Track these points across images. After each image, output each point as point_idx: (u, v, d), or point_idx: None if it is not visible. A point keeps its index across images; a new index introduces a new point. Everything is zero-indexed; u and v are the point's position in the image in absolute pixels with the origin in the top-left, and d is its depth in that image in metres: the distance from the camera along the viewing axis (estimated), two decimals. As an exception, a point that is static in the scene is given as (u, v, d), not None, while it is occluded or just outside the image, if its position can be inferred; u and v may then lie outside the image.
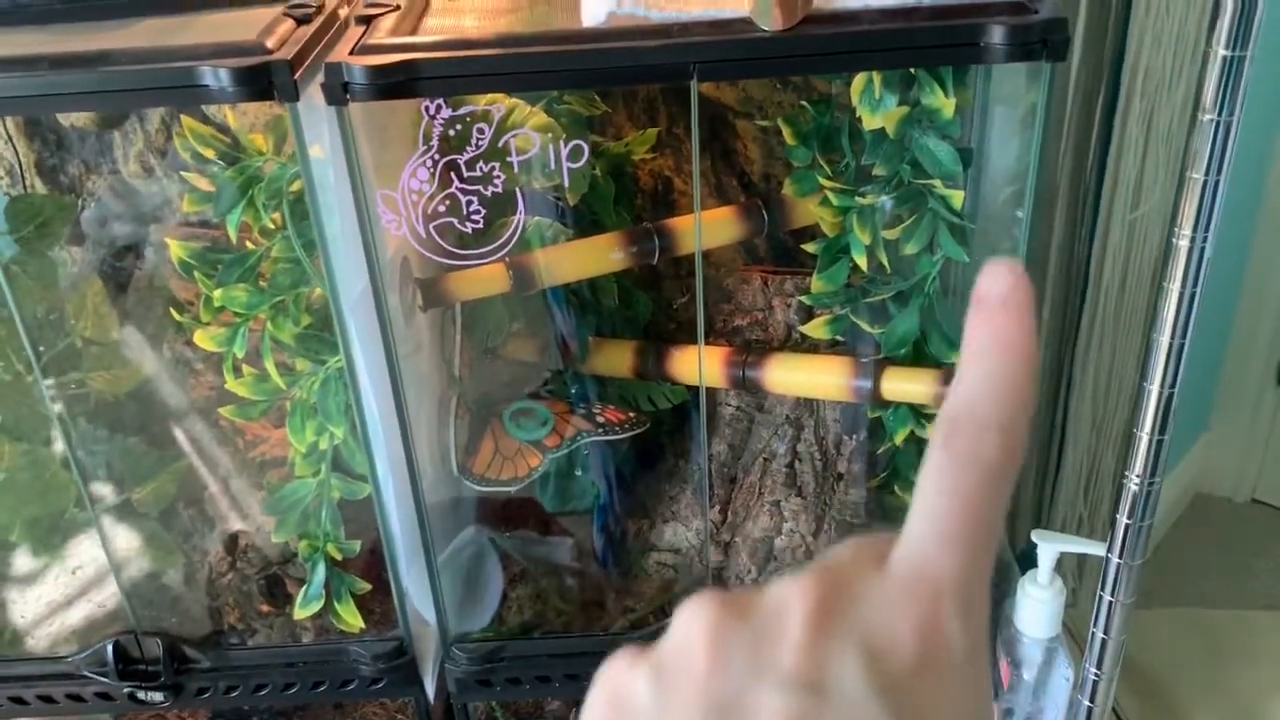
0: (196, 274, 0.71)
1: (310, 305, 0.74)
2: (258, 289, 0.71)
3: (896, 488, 0.83)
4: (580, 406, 0.83)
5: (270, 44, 0.57)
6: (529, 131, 0.59)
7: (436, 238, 0.61)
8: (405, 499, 0.74)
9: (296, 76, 0.56)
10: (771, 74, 0.68)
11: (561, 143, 0.58)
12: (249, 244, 0.74)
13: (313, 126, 0.61)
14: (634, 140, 0.82)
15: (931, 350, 0.74)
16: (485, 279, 0.69)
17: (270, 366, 0.71)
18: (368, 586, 0.79)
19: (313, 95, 0.58)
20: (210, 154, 0.70)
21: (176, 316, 0.74)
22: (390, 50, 0.56)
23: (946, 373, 0.71)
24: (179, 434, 0.85)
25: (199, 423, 0.84)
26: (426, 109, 0.57)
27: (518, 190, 0.61)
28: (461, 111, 0.58)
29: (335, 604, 0.78)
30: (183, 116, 0.70)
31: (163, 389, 0.84)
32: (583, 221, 0.82)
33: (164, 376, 0.84)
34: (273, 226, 0.71)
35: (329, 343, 0.73)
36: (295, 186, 0.70)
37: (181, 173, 0.70)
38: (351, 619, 0.78)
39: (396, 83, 0.56)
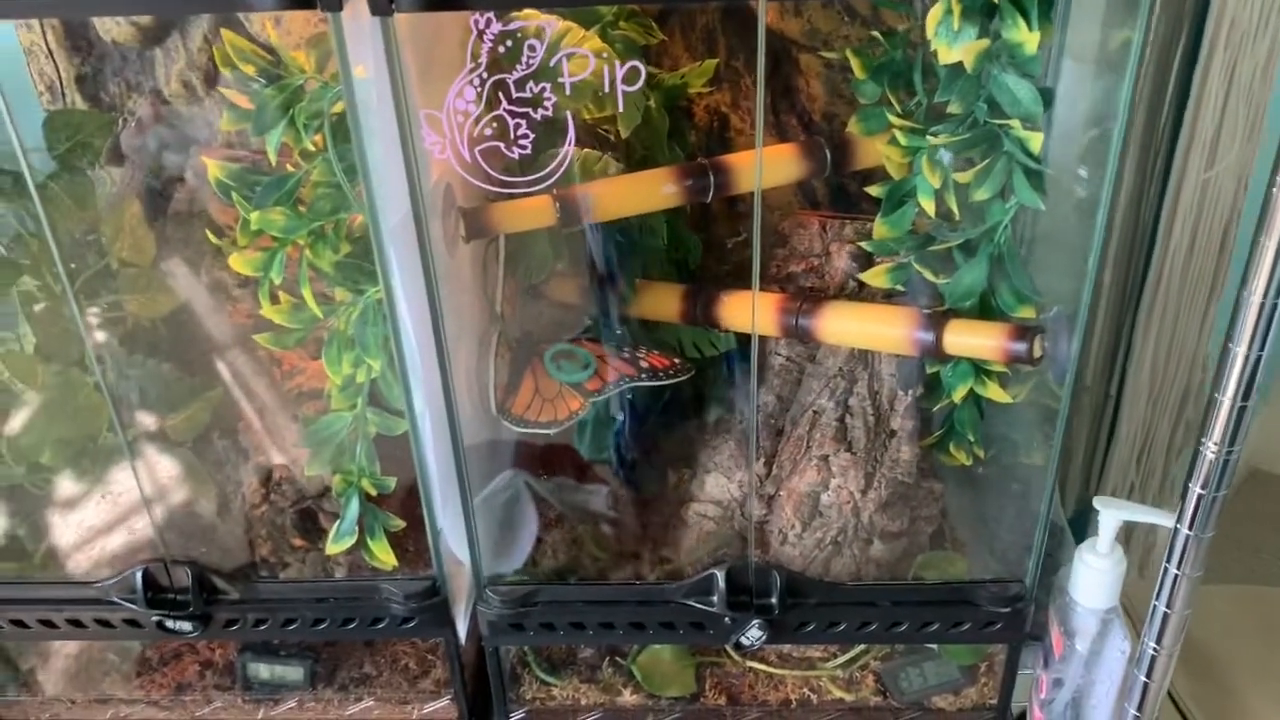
0: (234, 195, 0.68)
1: (350, 233, 0.71)
2: (296, 213, 0.68)
3: (952, 446, 0.79)
4: (624, 350, 0.80)
5: (310, -51, 0.54)
6: (584, 50, 0.55)
7: (482, 163, 0.58)
8: (443, 437, 0.72)
9: (340, -16, 0.53)
10: None
11: (617, 64, 0.55)
12: (289, 166, 0.71)
13: (356, 46, 0.57)
14: (691, 72, 0.78)
15: (999, 303, 0.70)
16: (531, 211, 0.66)
17: (307, 294, 0.69)
18: (402, 524, 0.77)
19: (356, 8, 0.55)
20: (251, 70, 0.67)
21: (214, 240, 0.72)
22: (440, -42, 0.53)
23: (1015, 328, 0.67)
24: (214, 362, 0.83)
25: (235, 351, 0.82)
26: (476, 22, 0.54)
27: (568, 115, 0.58)
28: (512, 27, 0.54)
29: (369, 540, 0.76)
30: (224, 31, 0.67)
31: (199, 315, 0.82)
32: (634, 156, 0.78)
33: (200, 302, 0.82)
34: (314, 149, 0.68)
35: (368, 272, 0.70)
36: (338, 108, 0.67)
37: (221, 89, 0.67)
38: (384, 556, 0.76)
39: (445, -7, 0.52)
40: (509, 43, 0.55)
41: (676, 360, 0.80)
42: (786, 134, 0.88)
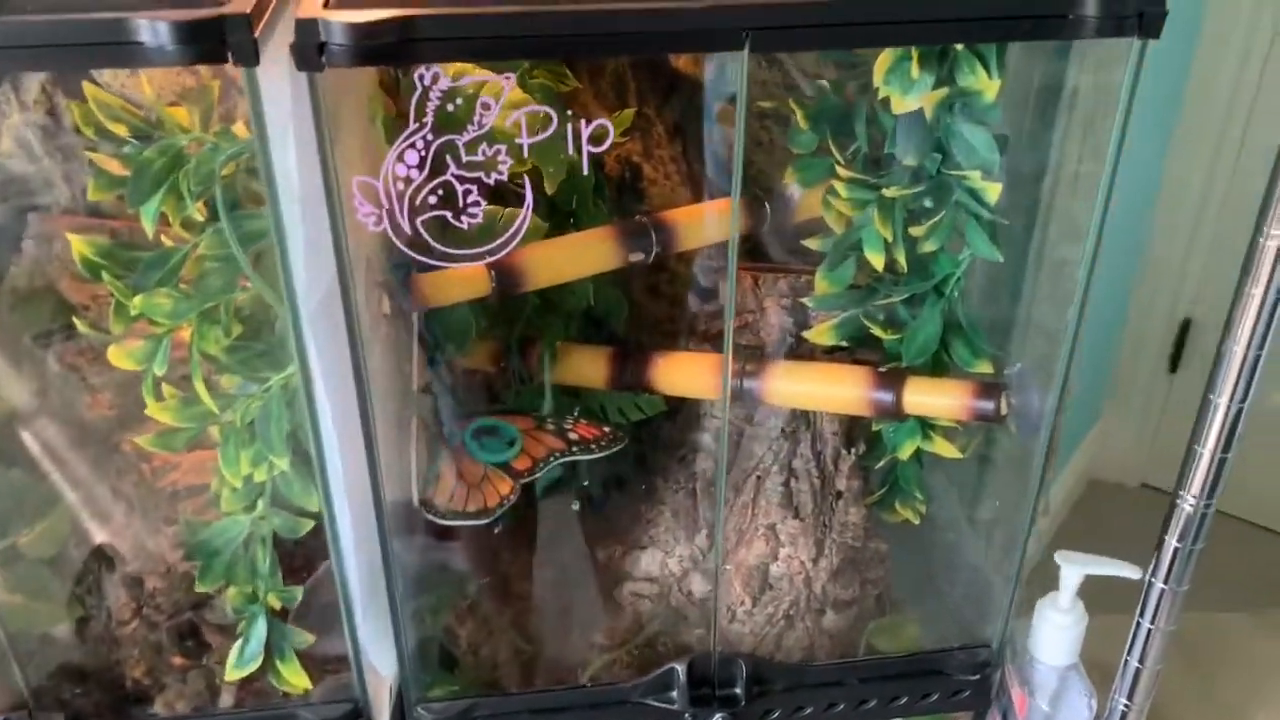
0: (106, 276, 0.58)
1: (240, 312, 0.62)
2: (183, 294, 0.59)
3: (898, 504, 0.76)
4: (549, 422, 0.74)
5: (219, -7, 0.46)
6: (544, 108, 0.49)
7: (424, 234, 0.51)
8: (363, 537, 0.63)
9: (256, 34, 0.45)
10: (835, 45, 0.60)
11: (582, 122, 0.49)
12: (164, 239, 0.61)
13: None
14: (612, 120, 0.73)
15: (955, 358, 0.67)
16: (465, 281, 0.59)
17: (200, 386, 0.59)
18: (312, 639, 0.68)
19: (274, 61, 0.47)
20: (122, 130, 0.57)
21: (82, 327, 0.61)
22: (376, 5, 0.46)
23: (980, 385, 0.65)
24: (70, 463, 0.71)
25: (97, 448, 0.71)
26: (421, 78, 0.47)
27: (525, 178, 0.51)
28: (464, 82, 0.47)
29: (277, 663, 0.66)
30: (87, 86, 0.57)
31: (50, 411, 0.70)
32: (556, 214, 0.72)
33: (52, 395, 0.70)
34: (200, 218, 0.59)
35: (269, 356, 0.61)
36: (227, 170, 0.58)
37: (89, 153, 0.57)
38: (296, 679, 0.67)
39: (387, 45, 0.45)
40: (459, 100, 0.48)
41: (606, 429, 0.74)
42: (699, 186, 0.83)
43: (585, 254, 0.63)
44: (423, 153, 0.48)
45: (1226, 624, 0.96)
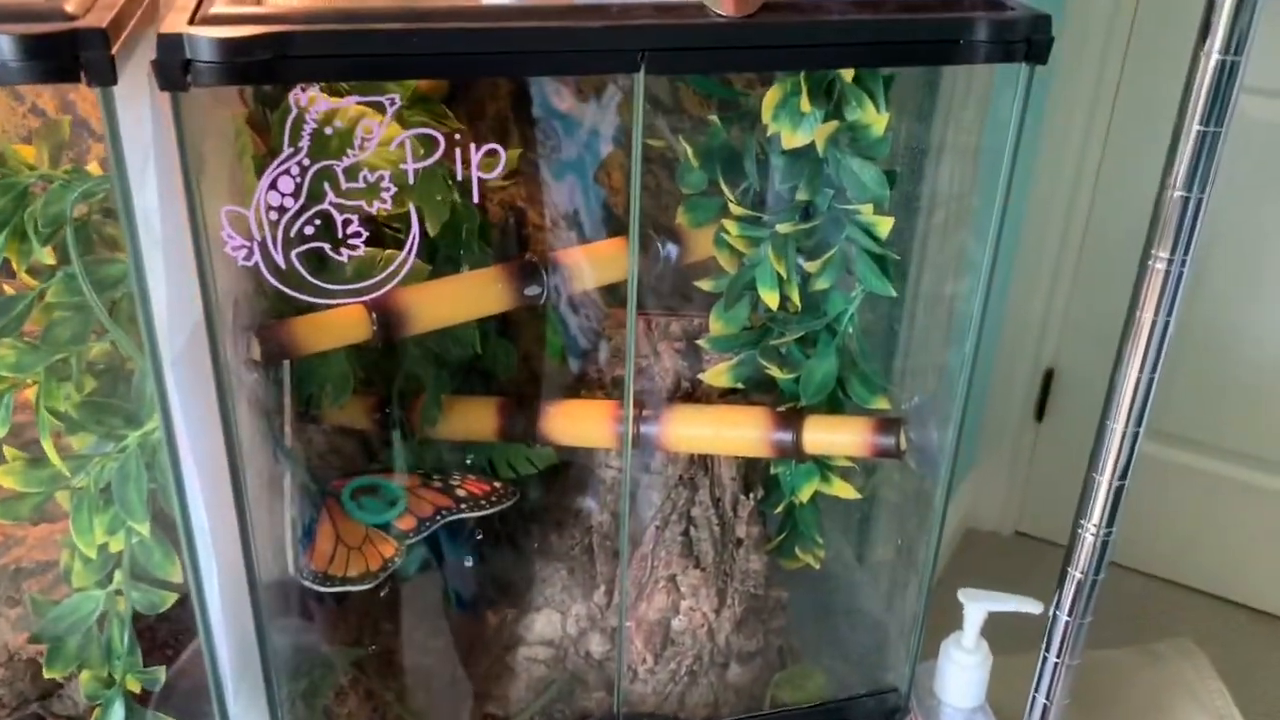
0: (-63, 326, 0.52)
1: (94, 365, 0.57)
2: (29, 346, 0.54)
3: (798, 549, 0.74)
4: (434, 479, 0.70)
5: (70, 8, 0.42)
6: (430, 130, 0.46)
7: (300, 268, 0.47)
8: (233, 610, 0.58)
9: (113, 51, 0.41)
10: (731, 68, 0.59)
11: (473, 147, 0.46)
12: (6, 287, 0.56)
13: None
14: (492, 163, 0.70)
15: (852, 394, 0.66)
16: (342, 325, 0.55)
17: (49, 446, 0.54)
18: (177, 724, 0.61)
19: (133, 83, 0.43)
20: (-43, 165, 0.52)
21: (-94, 384, 0.55)
22: (247, 21, 0.42)
23: (879, 421, 0.64)
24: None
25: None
26: (296, 100, 0.44)
27: (412, 209, 0.48)
28: (345, 103, 0.44)
29: (137, 754, 0.60)
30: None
31: None
32: (439, 257, 0.69)
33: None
34: (49, 262, 0.54)
35: (126, 412, 0.56)
36: (80, 211, 0.54)
37: (-86, 190, 0.52)
38: (159, 771, 0.60)
39: (259, 62, 0.42)
40: (337, 124, 0.45)
41: (496, 484, 0.71)
42: (584, 229, 0.82)
43: (478, 293, 0.60)
44: (298, 179, 0.45)
45: (1116, 659, 0.97)
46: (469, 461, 0.71)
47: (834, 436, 0.64)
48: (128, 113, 0.44)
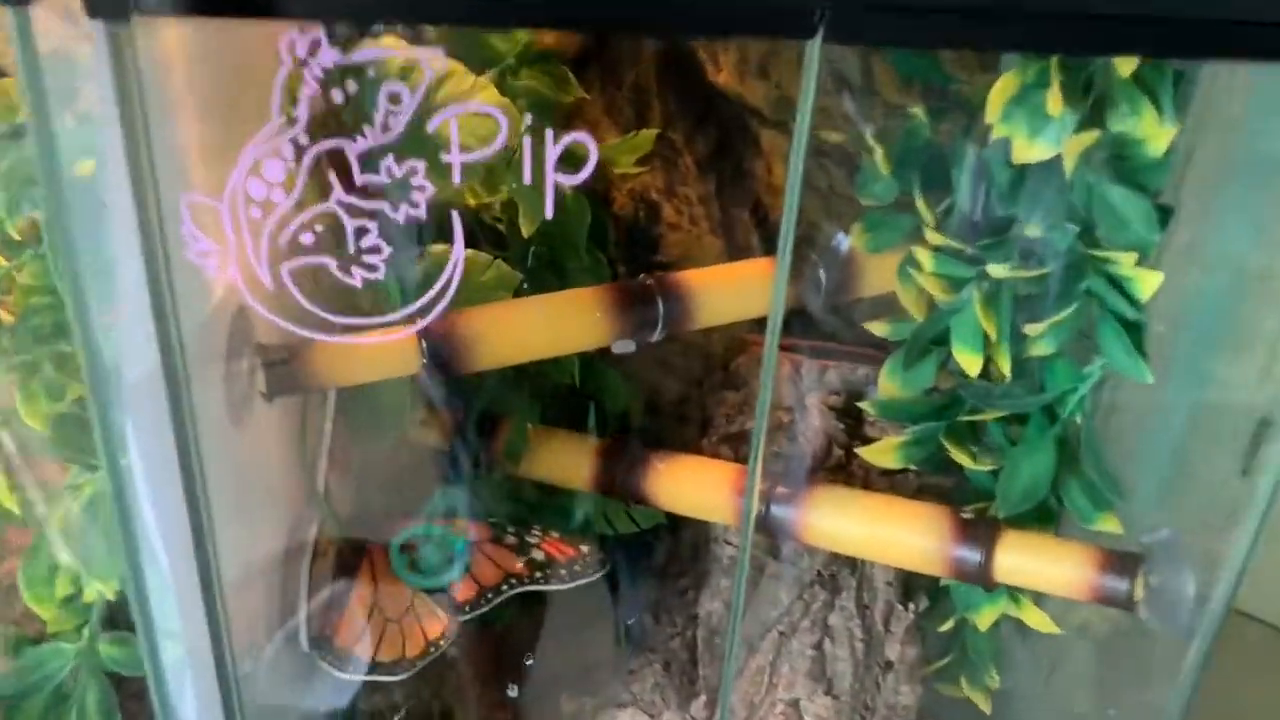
0: None
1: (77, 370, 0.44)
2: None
3: (965, 680, 0.57)
4: (508, 532, 0.55)
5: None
6: (489, 109, 0.31)
7: (293, 289, 0.33)
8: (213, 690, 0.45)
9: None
10: (944, 44, 0.42)
11: (549, 134, 0.30)
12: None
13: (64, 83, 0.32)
14: (621, 144, 0.55)
15: (1071, 508, 0.48)
16: (383, 358, 0.41)
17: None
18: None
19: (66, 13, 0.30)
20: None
21: None
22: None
23: (1110, 556, 0.45)
24: None
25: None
26: (291, 44, 0.29)
27: (454, 214, 0.33)
28: (360, 58, 0.29)
29: None
30: None
31: None
32: (534, 261, 0.54)
33: None
34: (17, 237, 0.42)
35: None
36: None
37: None
38: None
39: (230, -16, 0.27)
40: (353, 85, 0.30)
41: (584, 549, 0.56)
42: (734, 235, 0.65)
43: (559, 326, 0.44)
44: (291, 164, 0.30)
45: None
46: (536, 516, 0.57)
47: (1039, 566, 0.46)
48: (62, 67, 0.31)
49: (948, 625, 0.55)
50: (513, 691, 0.61)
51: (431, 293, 0.35)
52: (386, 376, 0.42)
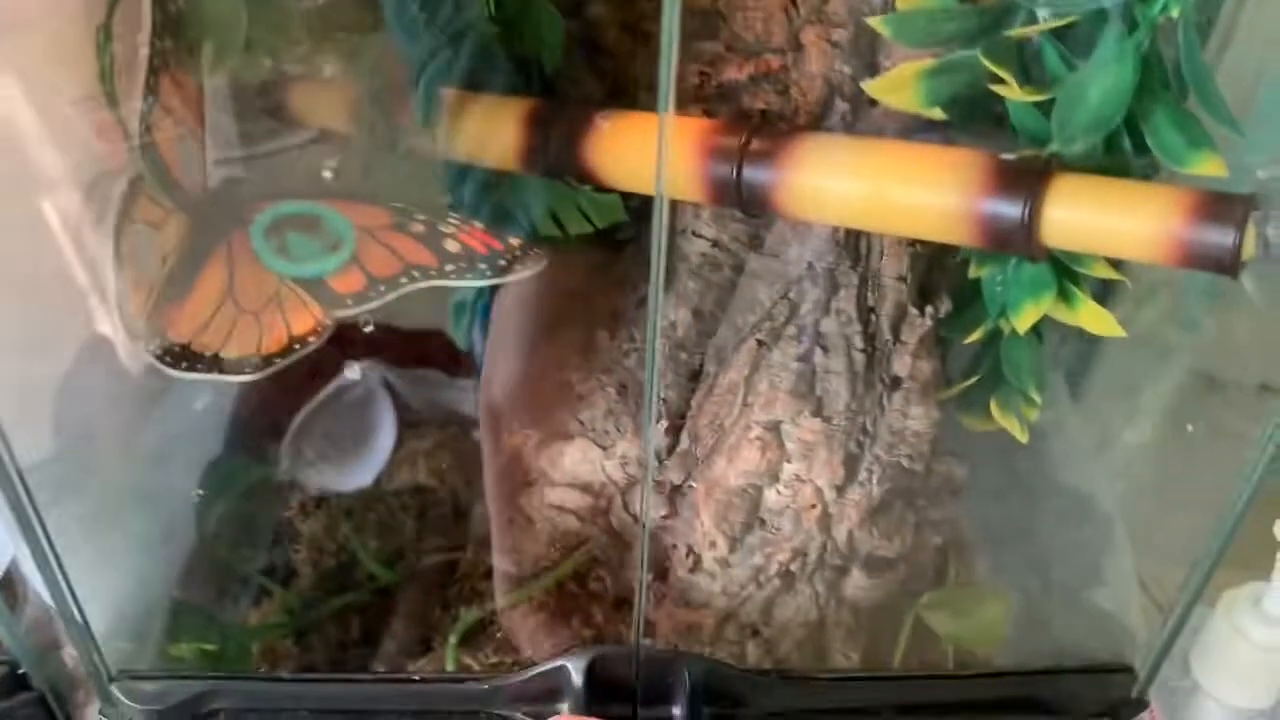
0: None
1: None
2: None
3: (996, 403, 0.45)
4: (416, 218, 0.43)
5: None
6: None
7: None
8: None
9: None
10: None
11: None
12: None
13: None
14: None
15: (1155, 143, 0.35)
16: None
17: None
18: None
19: None
20: None
21: None
22: None
23: (1207, 197, 0.32)
24: None
25: None
26: None
27: None
28: None
29: None
30: None
31: None
32: None
33: None
34: None
35: None
36: None
37: None
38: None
39: None
40: None
41: (513, 241, 0.44)
42: None
43: None
44: None
45: None
46: (458, 197, 0.44)
47: (1106, 217, 0.33)
48: None
49: (977, 334, 0.43)
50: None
51: None
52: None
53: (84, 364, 0.38)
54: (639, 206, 0.47)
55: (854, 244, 0.43)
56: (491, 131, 0.44)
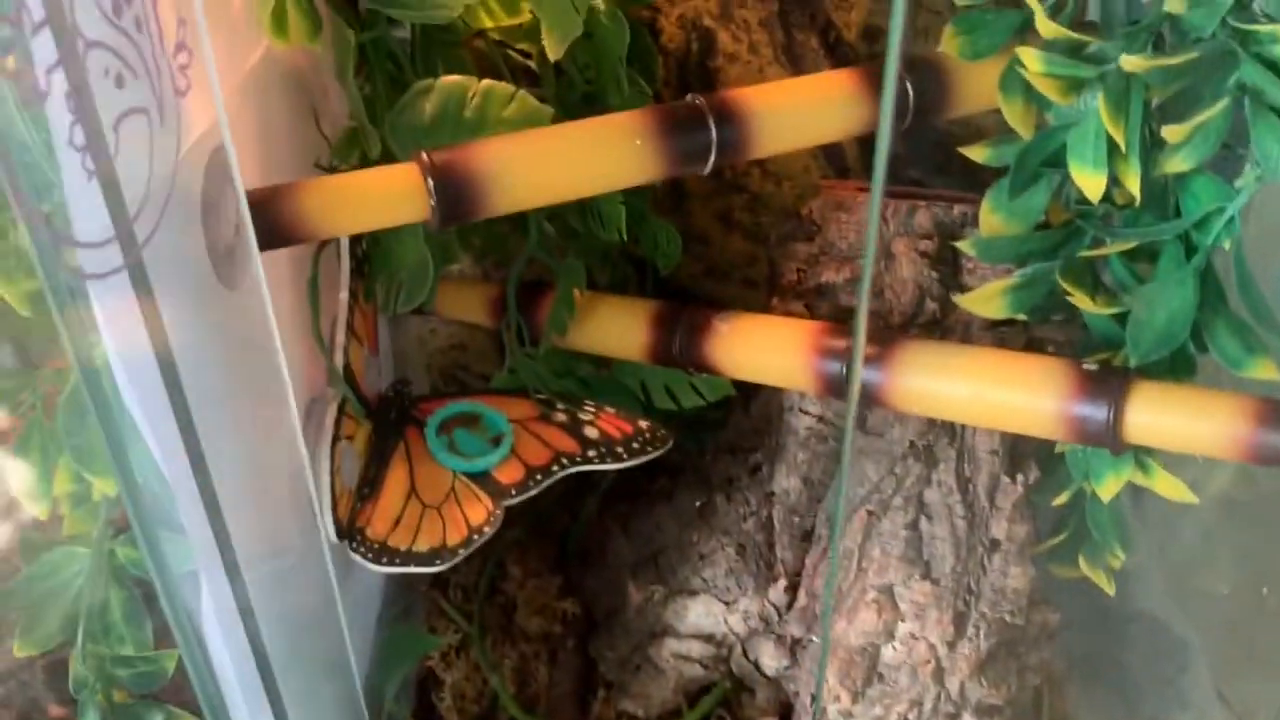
0: None
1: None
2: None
3: (1085, 558, 0.50)
4: (557, 409, 0.50)
5: None
6: None
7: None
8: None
9: None
10: None
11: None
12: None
13: None
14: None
15: (1217, 352, 0.40)
16: (383, 197, 0.35)
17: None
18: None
19: None
20: None
21: None
22: None
23: (1255, 403, 0.38)
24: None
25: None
26: None
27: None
28: None
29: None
30: None
31: None
32: (568, 94, 0.47)
33: None
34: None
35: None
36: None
37: None
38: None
39: None
40: None
41: (642, 424, 0.50)
42: (801, 64, 0.57)
43: (588, 159, 0.37)
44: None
45: None
46: (589, 389, 0.51)
47: (1181, 422, 0.38)
48: None
49: (1063, 498, 0.48)
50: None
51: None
52: (390, 223, 0.36)
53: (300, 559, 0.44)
54: (744, 390, 0.53)
55: (950, 423, 0.48)
56: (622, 331, 0.51)
